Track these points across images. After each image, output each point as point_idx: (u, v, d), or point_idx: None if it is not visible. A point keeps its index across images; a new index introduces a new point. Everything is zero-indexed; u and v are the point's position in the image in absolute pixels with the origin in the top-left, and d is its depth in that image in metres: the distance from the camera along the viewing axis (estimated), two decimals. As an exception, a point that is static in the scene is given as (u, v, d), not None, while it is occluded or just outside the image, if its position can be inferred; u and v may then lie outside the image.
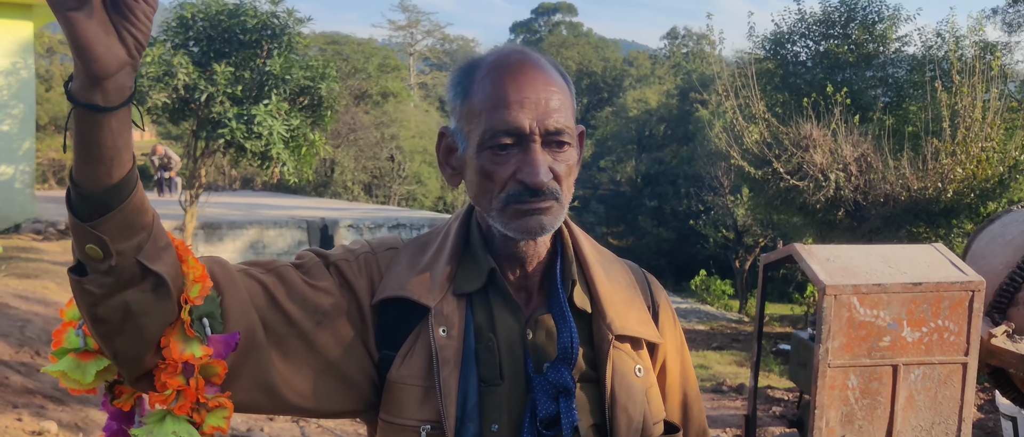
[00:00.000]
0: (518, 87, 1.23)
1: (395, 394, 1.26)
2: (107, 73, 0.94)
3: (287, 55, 11.05)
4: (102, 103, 0.95)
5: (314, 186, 25.33)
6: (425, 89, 46.96)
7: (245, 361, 1.20)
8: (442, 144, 1.34)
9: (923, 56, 16.42)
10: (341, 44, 32.63)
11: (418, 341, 1.27)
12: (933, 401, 3.68)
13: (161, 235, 1.09)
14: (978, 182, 13.39)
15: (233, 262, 1.27)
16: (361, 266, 1.32)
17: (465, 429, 1.24)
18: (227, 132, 10.52)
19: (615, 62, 45.13)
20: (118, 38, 0.94)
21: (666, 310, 1.45)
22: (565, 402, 1.26)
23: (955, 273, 3.70)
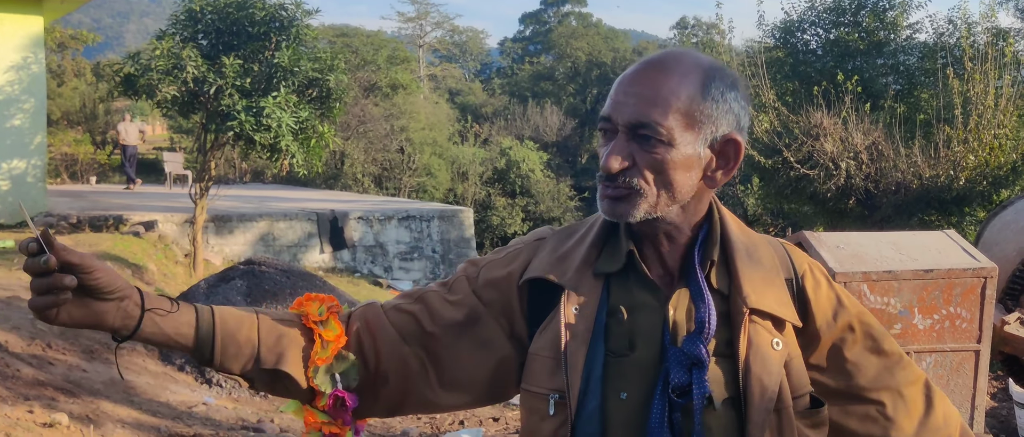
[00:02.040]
0: (623, 84, 1.36)
1: (531, 365, 1.42)
2: (113, 326, 1.30)
3: (295, 47, 11.02)
4: (126, 334, 1.32)
5: (324, 178, 25.35)
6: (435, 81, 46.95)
7: (404, 388, 1.48)
8: None
9: (934, 43, 16.31)
10: (350, 36, 32.66)
11: (555, 316, 1.40)
12: (945, 389, 3.65)
13: (272, 336, 1.42)
14: (991, 169, 13.30)
15: (244, 254, 1.53)
16: (511, 259, 1.50)
17: (587, 399, 1.34)
18: (236, 125, 10.51)
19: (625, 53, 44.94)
20: (103, 308, 1.27)
21: (813, 278, 1.48)
22: (697, 373, 1.33)
23: (967, 260, 3.67)
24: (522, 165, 30.21)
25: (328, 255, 15.14)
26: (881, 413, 1.48)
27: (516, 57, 51.36)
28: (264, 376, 1.41)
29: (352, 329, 1.47)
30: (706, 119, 1.35)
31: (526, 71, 46.11)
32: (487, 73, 55.10)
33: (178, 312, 1.35)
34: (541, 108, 37.62)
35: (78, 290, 1.23)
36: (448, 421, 6.75)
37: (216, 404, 6.68)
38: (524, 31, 52.33)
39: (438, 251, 16.42)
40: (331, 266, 15.00)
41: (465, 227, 16.98)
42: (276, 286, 7.95)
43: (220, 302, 7.74)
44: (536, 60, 48.07)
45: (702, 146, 1.35)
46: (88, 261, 1.24)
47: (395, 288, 14.70)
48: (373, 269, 15.48)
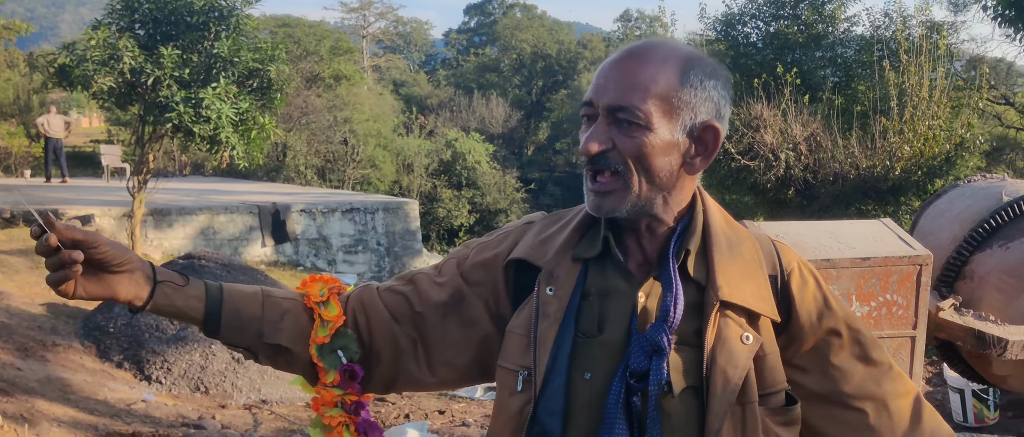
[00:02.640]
0: (605, 69, 1.40)
1: (507, 342, 1.47)
2: (127, 297, 1.38)
3: (235, 37, 10.84)
4: (140, 304, 1.40)
5: (266, 171, 24.99)
6: (379, 72, 46.57)
7: (396, 366, 1.56)
8: None
9: (871, 36, 16.62)
10: (292, 26, 32.17)
11: (533, 297, 1.45)
12: (882, 374, 3.72)
13: (275, 313, 1.49)
14: (925, 160, 13.61)
15: (184, 248, 1.57)
16: (499, 241, 1.56)
17: (553, 377, 1.38)
18: (175, 116, 10.30)
19: (569, 45, 45.05)
20: (115, 281, 1.36)
21: (800, 277, 1.48)
22: (657, 360, 1.35)
23: (903, 247, 3.75)
24: (468, 157, 30.14)
25: (270, 248, 14.93)
26: (863, 422, 1.47)
27: (461, 48, 51.17)
28: (268, 350, 1.49)
29: (349, 309, 1.54)
30: (684, 106, 1.37)
31: (471, 62, 45.97)
32: (432, 64, 54.81)
33: (189, 286, 1.43)
34: (487, 100, 37.57)
35: (91, 266, 1.32)
36: (393, 415, 6.72)
37: (156, 401, 6.56)
38: (469, 22, 52.14)
39: (383, 244, 16.30)
40: (273, 260, 14.80)
41: (410, 219, 16.88)
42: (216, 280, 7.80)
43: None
44: (481, 51, 47.95)
45: (680, 132, 1.38)
46: (92, 237, 1.31)
47: (339, 281, 14.54)
48: (316, 262, 15.31)
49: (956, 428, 5.72)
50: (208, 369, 7.03)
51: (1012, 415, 6.03)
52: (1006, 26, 12.58)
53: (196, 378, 6.98)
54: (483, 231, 29.85)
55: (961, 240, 4.07)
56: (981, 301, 4.02)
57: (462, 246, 1.62)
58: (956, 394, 5.86)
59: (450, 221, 29.19)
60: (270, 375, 7.07)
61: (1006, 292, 3.96)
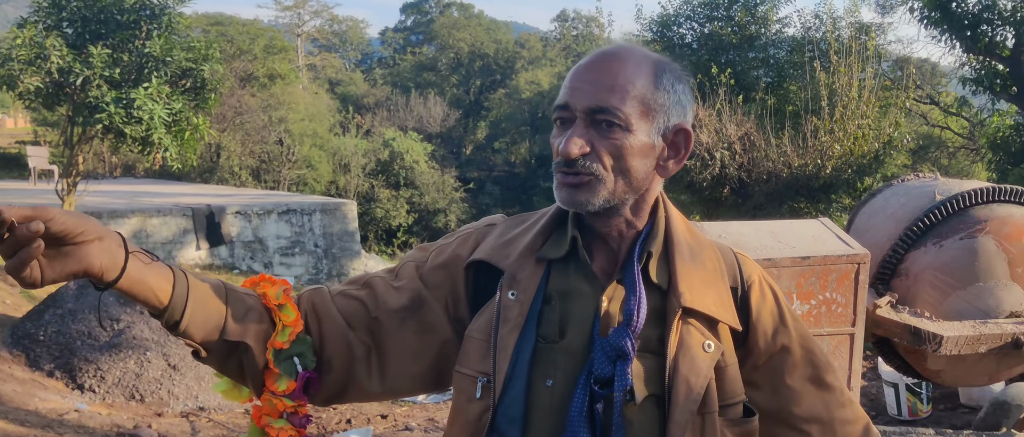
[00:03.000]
0: (583, 70, 1.37)
1: (466, 347, 1.41)
2: (101, 268, 1.20)
3: (168, 36, 10.61)
4: (113, 276, 1.23)
5: (199, 172, 24.52)
6: (314, 71, 46.01)
7: (347, 375, 1.45)
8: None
9: (802, 37, 16.97)
10: (225, 25, 31.60)
11: (493, 300, 1.40)
12: (823, 371, 3.79)
13: (240, 307, 1.37)
14: (855, 158, 13.94)
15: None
16: (459, 243, 1.50)
17: (513, 384, 1.34)
18: (105, 117, 10.05)
19: (507, 44, 45.11)
20: (83, 252, 1.19)
21: (760, 290, 1.48)
22: (621, 365, 1.32)
23: (841, 246, 3.82)
24: (406, 156, 29.97)
25: (205, 252, 14.65)
26: None
27: (398, 47, 50.86)
28: (223, 348, 1.36)
29: (301, 313, 1.44)
30: (659, 108, 1.37)
31: (408, 61, 45.73)
32: (368, 63, 54.35)
33: (155, 264, 1.29)
34: (424, 99, 37.40)
35: (49, 242, 1.14)
36: (335, 420, 6.64)
37: (89, 411, 6.37)
38: (405, 21, 51.84)
39: (321, 245, 16.10)
40: (208, 263, 14.52)
41: (349, 220, 16.70)
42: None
43: (92, 302, 7.39)
44: (418, 50, 47.72)
45: (656, 135, 1.38)
46: (41, 211, 1.13)
47: (277, 284, 14.33)
48: (252, 265, 15.06)
49: (891, 421, 5.86)
50: (143, 377, 6.86)
51: (944, 408, 6.20)
52: (932, 28, 12.95)
53: (131, 386, 6.80)
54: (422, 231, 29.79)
55: (896, 238, 4.17)
56: (916, 298, 4.12)
57: (418, 249, 1.54)
58: (890, 388, 6.00)
59: (388, 221, 28.99)
60: (208, 382, 6.92)
61: (940, 289, 4.06)
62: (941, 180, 4.48)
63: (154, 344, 7.05)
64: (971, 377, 4.34)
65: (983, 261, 4.00)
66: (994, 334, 3.89)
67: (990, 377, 4.33)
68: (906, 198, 4.38)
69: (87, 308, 7.34)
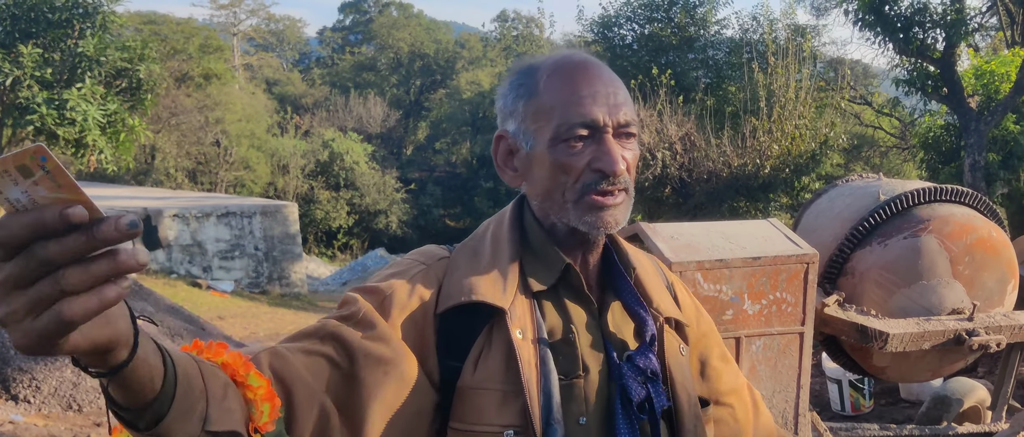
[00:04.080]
0: (590, 82, 1.28)
1: (472, 401, 1.24)
2: (116, 344, 0.82)
3: (101, 35, 10.37)
4: (123, 360, 0.84)
5: (134, 174, 23.98)
6: (251, 71, 45.32)
7: None
8: (500, 148, 1.37)
9: (740, 39, 17.25)
10: (158, 24, 30.94)
11: (492, 344, 1.26)
12: (774, 370, 3.83)
13: (217, 384, 1.01)
14: (792, 158, 14.20)
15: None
16: (418, 283, 1.30)
17: (552, 430, 1.22)
18: (36, 118, 9.78)
19: (447, 44, 45.00)
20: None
21: (681, 288, 1.51)
22: (654, 386, 1.29)
23: (791, 247, 3.86)
24: (346, 157, 29.70)
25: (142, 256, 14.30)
26: (732, 416, 1.51)
27: (336, 47, 50.37)
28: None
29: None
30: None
31: (347, 61, 45.33)
32: (306, 63, 53.72)
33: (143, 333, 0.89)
34: (364, 99, 37.12)
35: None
36: None
37: (24, 422, 6.17)
38: (344, 20, 51.36)
39: (261, 248, 15.84)
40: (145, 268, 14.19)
41: (290, 223, 16.47)
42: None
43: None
44: (357, 50, 47.33)
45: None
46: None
47: (215, 289, 14.07)
48: (191, 269, 14.75)
49: (834, 417, 5.97)
50: (80, 386, 6.65)
51: (886, 403, 6.34)
52: (866, 30, 13.25)
53: (68, 396, 6.60)
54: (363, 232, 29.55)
55: (842, 238, 4.24)
56: (862, 296, 4.19)
57: (362, 291, 1.30)
58: (834, 384, 6.11)
59: (329, 223, 28.69)
60: (148, 390, 6.76)
61: (885, 287, 4.14)
62: (885, 180, 4.56)
63: (91, 352, 6.85)
64: (915, 373, 4.43)
65: (926, 259, 4.09)
66: (937, 331, 3.97)
67: (933, 373, 4.43)
68: (851, 198, 4.45)
69: (20, 316, 7.10)
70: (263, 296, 14.87)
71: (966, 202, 4.30)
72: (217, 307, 12.40)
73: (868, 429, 4.71)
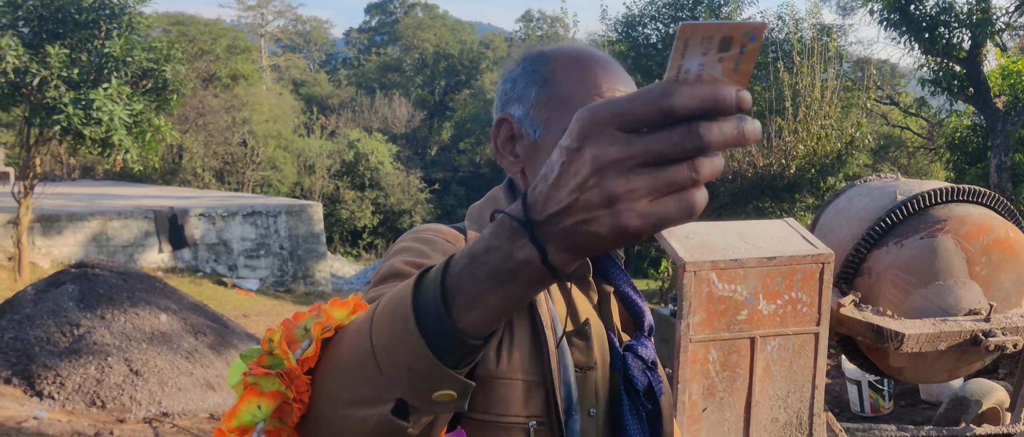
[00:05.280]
0: (609, 78, 1.24)
1: (496, 391, 1.16)
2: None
3: (128, 36, 10.47)
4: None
5: (161, 174, 24.24)
6: (278, 71, 45.67)
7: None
8: (502, 132, 1.29)
9: (766, 38, 17.14)
10: (186, 25, 31.27)
11: (515, 333, 1.19)
12: (788, 370, 3.82)
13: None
14: (818, 158, 14.10)
15: (75, 255, 1.15)
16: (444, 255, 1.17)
17: (572, 420, 1.19)
18: (63, 118, 9.89)
19: (471, 44, 45.08)
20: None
21: None
22: (654, 374, 1.25)
23: (806, 247, 3.85)
24: (371, 157, 29.84)
25: (167, 255, 14.46)
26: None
27: (362, 48, 50.63)
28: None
29: None
30: None
31: (373, 62, 45.54)
32: (333, 64, 54.04)
33: None
34: (389, 99, 37.27)
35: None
36: None
37: (48, 418, 6.26)
38: (370, 21, 51.62)
39: (286, 247, 15.97)
40: (171, 266, 14.34)
41: (314, 222, 16.59)
42: (112, 290, 7.51)
43: (51, 308, 7.26)
44: (383, 51, 47.54)
45: None
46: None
47: (240, 287, 14.20)
48: (216, 268, 14.89)
49: (853, 418, 5.93)
50: (104, 382, 6.74)
51: (905, 404, 6.29)
52: (891, 29, 13.12)
53: (92, 392, 6.69)
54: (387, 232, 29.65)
55: (859, 238, 4.22)
56: (878, 297, 4.16)
57: (414, 242, 1.23)
58: (853, 385, 6.07)
59: (354, 223, 28.84)
60: (171, 387, 6.83)
61: (901, 287, 4.11)
62: (902, 180, 4.53)
63: (115, 349, 6.94)
64: (932, 374, 4.40)
65: (943, 260, 4.06)
66: (953, 331, 3.94)
67: (950, 373, 4.39)
68: (869, 198, 4.43)
69: (45, 314, 7.21)
70: (288, 295, 14.98)
71: (983, 202, 4.26)
72: (242, 305, 12.51)
73: (885, 430, 4.68)
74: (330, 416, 0.83)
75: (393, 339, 0.77)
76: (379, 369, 0.78)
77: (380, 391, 0.79)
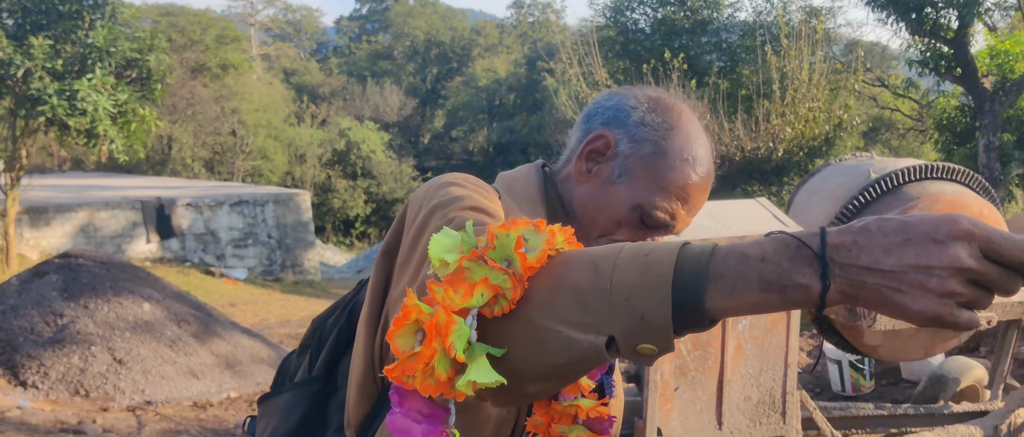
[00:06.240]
0: (700, 188, 1.29)
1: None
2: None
3: (111, 26, 10.43)
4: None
5: (151, 165, 24.19)
6: (268, 61, 45.53)
7: None
8: (596, 145, 1.30)
9: (754, 21, 17.12)
10: (175, 15, 31.12)
11: None
12: (760, 349, 3.83)
13: None
14: (806, 141, 14.11)
15: (63, 246, 1.15)
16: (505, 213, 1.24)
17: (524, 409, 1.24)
18: (48, 109, 9.87)
19: (463, 31, 44.98)
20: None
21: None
22: (608, 377, 1.28)
23: (777, 226, 3.85)
24: (362, 146, 29.80)
25: (155, 245, 14.44)
26: None
27: (353, 36, 50.49)
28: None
29: None
30: None
31: (364, 50, 45.43)
32: (323, 52, 53.88)
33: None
34: (380, 88, 37.19)
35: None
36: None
37: (32, 407, 6.26)
38: (360, 9, 51.45)
39: (274, 236, 15.95)
40: (159, 256, 14.33)
41: (302, 211, 16.57)
42: (95, 280, 7.51)
43: (35, 298, 7.25)
44: (374, 39, 47.42)
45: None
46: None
47: (228, 276, 14.19)
48: (204, 258, 14.88)
49: (834, 398, 5.95)
50: (88, 371, 6.75)
51: (887, 383, 6.31)
52: (879, 11, 13.12)
53: (75, 381, 6.69)
54: (380, 221, 29.64)
55: (833, 217, 4.22)
56: (852, 275, 4.18)
57: (469, 190, 1.19)
58: (834, 365, 6.09)
59: (346, 212, 28.82)
60: (154, 375, 6.84)
61: (874, 266, 4.13)
62: (876, 159, 4.54)
63: (99, 339, 6.94)
64: (907, 351, 4.41)
65: (916, 237, 4.07)
66: (927, 309, 3.96)
67: (925, 351, 4.40)
68: (842, 177, 4.43)
69: (29, 304, 7.21)
70: (276, 284, 14.98)
71: (957, 179, 4.27)
72: (230, 295, 12.51)
73: (863, 408, 4.70)
74: (540, 325, 0.86)
75: (639, 289, 0.83)
76: (610, 305, 0.83)
77: (601, 323, 0.84)
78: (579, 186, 1.30)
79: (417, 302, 0.84)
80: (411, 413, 0.88)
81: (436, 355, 0.82)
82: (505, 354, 0.87)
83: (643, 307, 0.82)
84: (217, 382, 7.03)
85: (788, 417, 3.92)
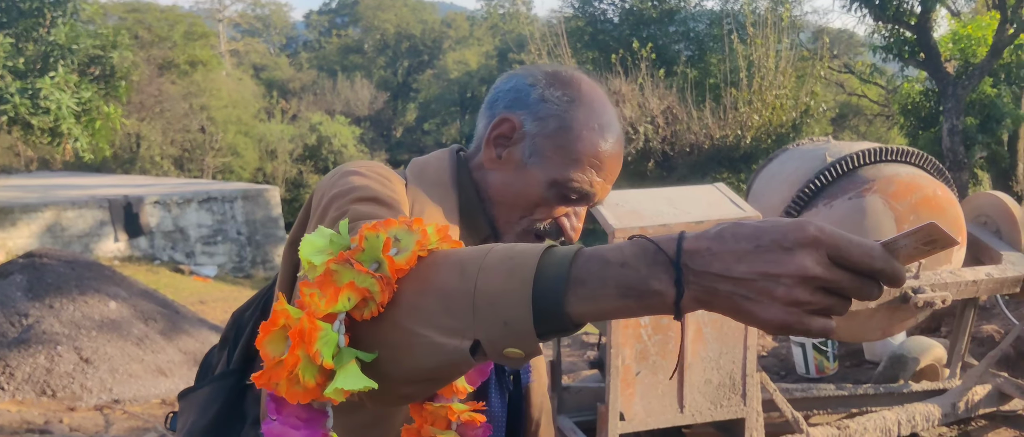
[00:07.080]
0: (612, 158, 1.29)
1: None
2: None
3: (73, 23, 10.34)
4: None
5: (119, 163, 23.95)
6: (237, 57, 45.16)
7: None
8: (502, 128, 1.29)
9: (721, 10, 17.23)
10: (142, 12, 30.77)
11: None
12: (719, 333, 3.88)
13: None
14: (774, 128, 14.24)
15: (30, 247, 1.15)
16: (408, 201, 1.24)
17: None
18: (10, 108, 9.78)
19: (433, 24, 44.82)
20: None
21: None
22: (524, 372, 1.40)
23: (735, 210, 3.90)
24: (334, 141, 29.65)
25: (124, 243, 14.31)
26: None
27: (323, 30, 50.18)
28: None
29: None
30: None
31: (334, 44, 45.18)
32: (293, 47, 53.52)
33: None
34: (351, 82, 37.01)
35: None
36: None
37: (-4, 408, 6.22)
38: (330, 3, 51.12)
39: (244, 233, 15.86)
40: (128, 255, 14.20)
41: (272, 207, 16.47)
42: (60, 279, 7.44)
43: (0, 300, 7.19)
44: (344, 33, 47.16)
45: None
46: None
47: (198, 274, 14.10)
48: (173, 255, 14.77)
49: (798, 380, 6.02)
50: (54, 371, 6.70)
51: (850, 364, 6.39)
52: (843, -2, 13.24)
53: (41, 381, 6.64)
54: (353, 215, 29.50)
55: (789, 201, 4.27)
56: (809, 258, 4.23)
57: (370, 181, 1.20)
58: (797, 347, 6.16)
59: (318, 207, 28.68)
60: (122, 374, 6.80)
61: (831, 248, 4.18)
62: (833, 143, 4.59)
63: (65, 338, 6.89)
64: (865, 332, 4.47)
65: (871, 219, 4.12)
66: (883, 289, 4.02)
67: (883, 331, 4.47)
68: (800, 162, 4.49)
69: None
70: (247, 280, 14.90)
71: (912, 162, 4.33)
72: (199, 292, 12.43)
73: (824, 389, 4.77)
74: (407, 329, 0.85)
75: (503, 294, 0.82)
76: (474, 309, 0.83)
77: (466, 328, 0.83)
78: (492, 173, 1.30)
79: (286, 306, 0.84)
80: (288, 419, 0.88)
81: (300, 363, 0.82)
82: (376, 358, 0.86)
83: (506, 313, 0.82)
84: (186, 379, 7.00)
85: (748, 399, 3.97)
